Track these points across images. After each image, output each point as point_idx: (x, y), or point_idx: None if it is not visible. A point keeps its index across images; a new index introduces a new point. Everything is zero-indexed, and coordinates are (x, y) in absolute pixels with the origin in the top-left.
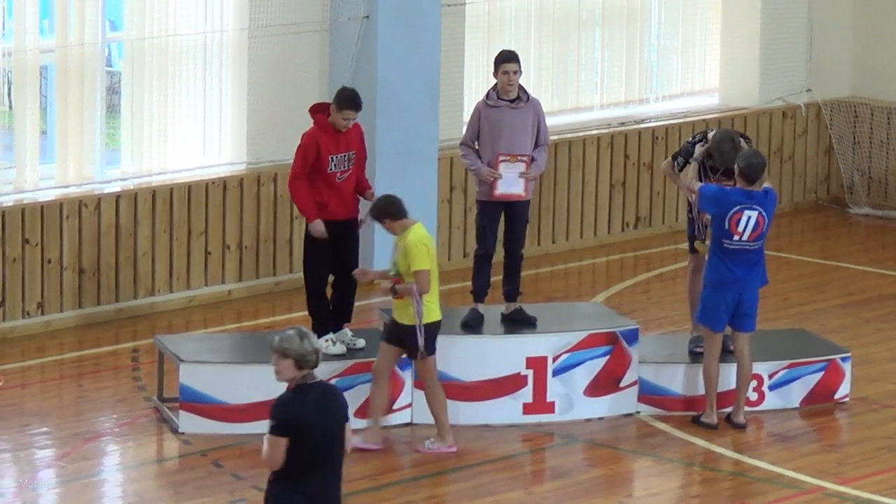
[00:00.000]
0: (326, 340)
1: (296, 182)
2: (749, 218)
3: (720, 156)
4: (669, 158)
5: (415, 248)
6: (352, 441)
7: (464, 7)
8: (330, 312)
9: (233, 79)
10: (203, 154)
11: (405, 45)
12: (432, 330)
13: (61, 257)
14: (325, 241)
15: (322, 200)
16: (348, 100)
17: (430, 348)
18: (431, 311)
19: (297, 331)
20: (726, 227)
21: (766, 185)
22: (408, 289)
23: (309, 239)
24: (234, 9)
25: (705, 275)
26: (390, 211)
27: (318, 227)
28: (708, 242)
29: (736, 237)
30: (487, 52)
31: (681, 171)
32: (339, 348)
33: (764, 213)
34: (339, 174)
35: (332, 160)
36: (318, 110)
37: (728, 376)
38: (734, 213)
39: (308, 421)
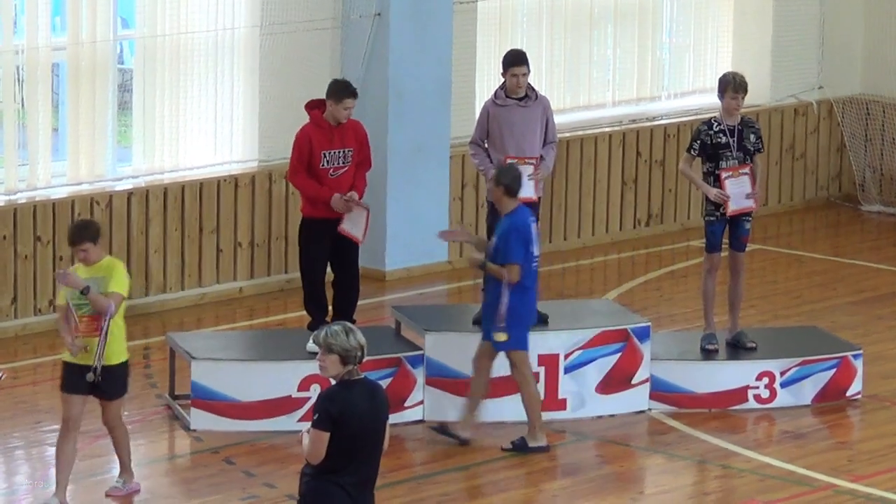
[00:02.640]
0: (315, 339)
1: (294, 176)
2: (537, 233)
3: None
4: (685, 154)
5: (123, 272)
6: (116, 485)
7: (475, 4)
8: (326, 309)
9: (244, 76)
10: (214, 151)
11: (417, 42)
12: (122, 371)
13: (72, 255)
14: (322, 237)
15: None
16: (345, 88)
17: (121, 388)
18: (122, 349)
19: (343, 326)
20: (532, 249)
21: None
22: (104, 304)
23: (304, 234)
24: (245, 6)
25: (512, 306)
26: (95, 232)
27: (338, 201)
28: (502, 337)
29: (536, 254)
30: (499, 49)
31: (698, 155)
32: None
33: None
34: (331, 170)
35: (325, 156)
36: (313, 106)
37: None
38: (534, 233)
39: (351, 415)
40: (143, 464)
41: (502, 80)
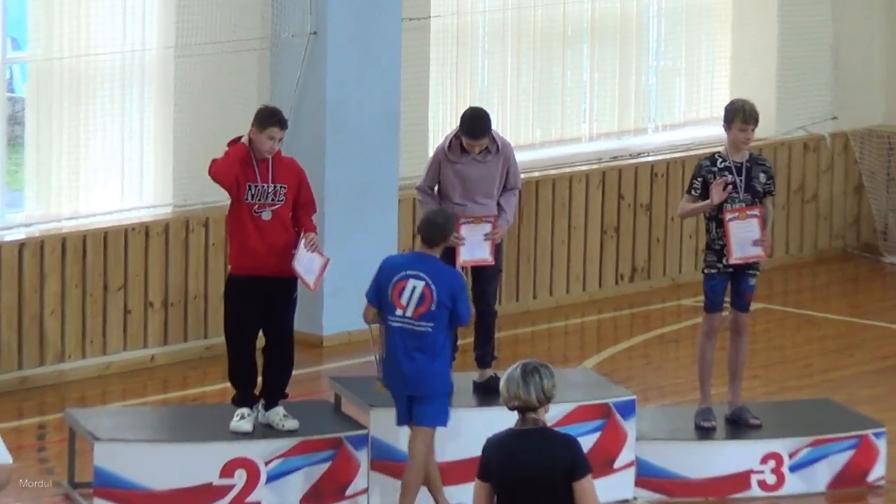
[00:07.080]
0: (240, 416)
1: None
2: (414, 293)
3: None
4: (685, 196)
5: None
6: None
7: (428, 21)
8: (255, 380)
9: (156, 107)
10: (121, 195)
11: (359, 65)
12: None
13: None
14: (252, 295)
15: (247, 245)
16: (271, 115)
17: None
18: None
19: (522, 370)
20: (389, 300)
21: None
22: None
23: (231, 292)
24: (158, 24)
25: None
26: None
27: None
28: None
29: (398, 314)
30: (456, 73)
31: (700, 195)
32: (245, 425)
33: (432, 287)
34: (256, 206)
35: (251, 189)
36: (235, 143)
37: None
38: (398, 279)
39: (501, 465)
40: None
41: (463, 109)
